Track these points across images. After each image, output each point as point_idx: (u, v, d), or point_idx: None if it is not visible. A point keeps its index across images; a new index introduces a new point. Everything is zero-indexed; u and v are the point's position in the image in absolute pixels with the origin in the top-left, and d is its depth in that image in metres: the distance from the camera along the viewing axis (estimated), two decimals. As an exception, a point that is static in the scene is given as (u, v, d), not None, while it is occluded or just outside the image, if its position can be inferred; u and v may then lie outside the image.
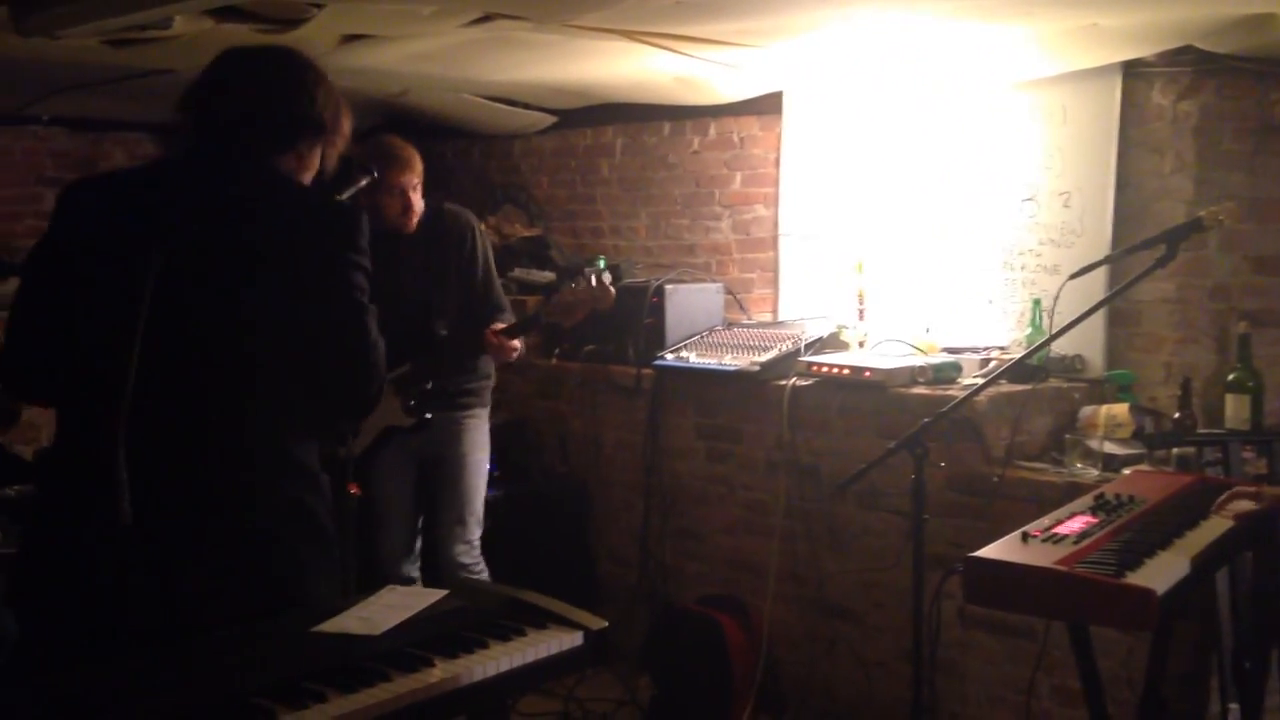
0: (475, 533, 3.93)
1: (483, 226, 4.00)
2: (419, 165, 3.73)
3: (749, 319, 4.64)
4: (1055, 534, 2.47)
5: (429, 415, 3.78)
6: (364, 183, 2.81)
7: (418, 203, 3.75)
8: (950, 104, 4.09)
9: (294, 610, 2.11)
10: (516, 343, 3.78)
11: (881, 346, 4.03)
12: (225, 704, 1.73)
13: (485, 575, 3.93)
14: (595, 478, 4.83)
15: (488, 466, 4.01)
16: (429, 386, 3.77)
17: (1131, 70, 3.69)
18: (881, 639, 3.87)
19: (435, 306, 3.79)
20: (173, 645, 1.92)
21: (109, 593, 1.97)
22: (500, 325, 3.74)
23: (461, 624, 2.11)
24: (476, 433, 3.94)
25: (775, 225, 4.60)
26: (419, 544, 4.05)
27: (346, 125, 2.24)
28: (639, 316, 4.46)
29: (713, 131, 4.78)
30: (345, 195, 2.71)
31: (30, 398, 2.25)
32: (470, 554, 3.91)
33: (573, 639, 2.13)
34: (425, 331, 3.79)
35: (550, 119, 5.18)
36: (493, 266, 3.94)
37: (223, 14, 3.02)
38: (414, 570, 4.04)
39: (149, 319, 1.93)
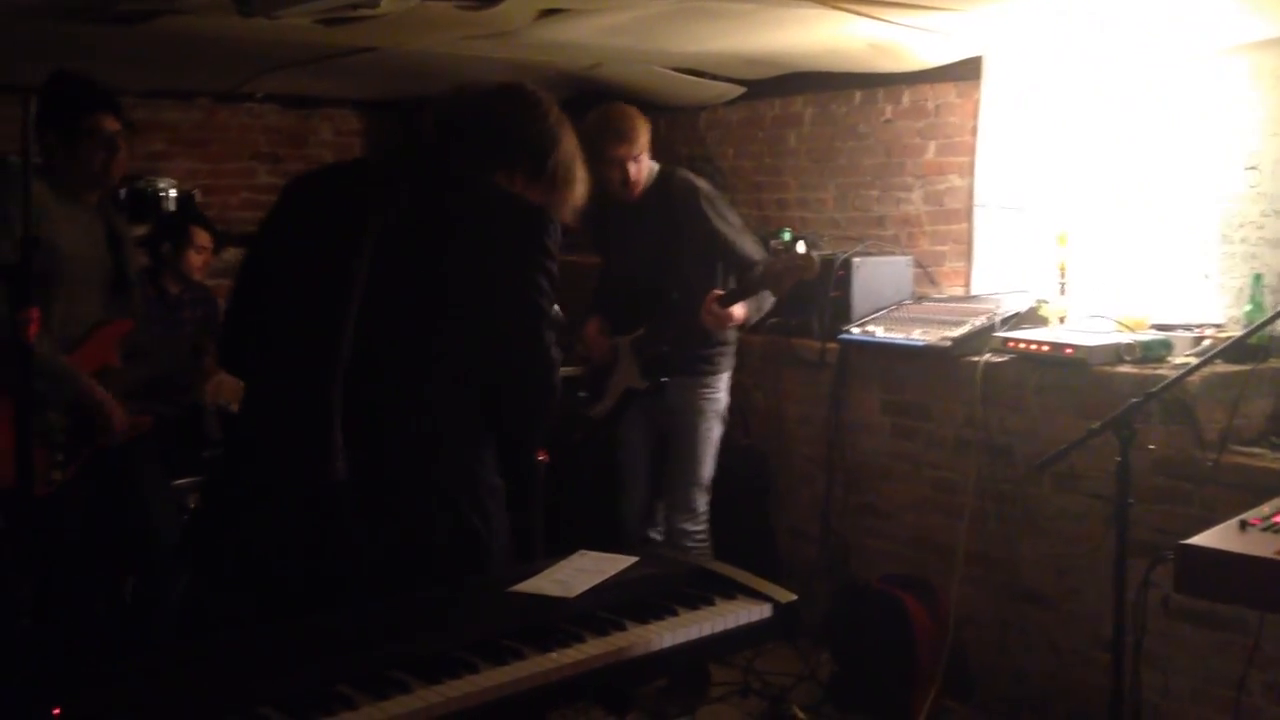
0: (700, 502, 3.98)
1: (709, 189, 3.99)
2: (640, 137, 3.78)
3: (940, 293, 4.51)
4: (1276, 524, 2.32)
5: (665, 379, 3.85)
6: None
7: (638, 174, 3.81)
8: (1162, 69, 3.86)
9: (493, 571, 2.19)
10: (736, 310, 3.77)
11: (1084, 323, 3.85)
12: (430, 657, 1.81)
13: (708, 544, 3.98)
14: (777, 451, 4.81)
15: (717, 433, 4.02)
16: (664, 350, 3.85)
17: (1373, 27, 3.40)
18: (1077, 626, 3.73)
19: (668, 272, 3.84)
20: (379, 601, 2.01)
21: (317, 544, 2.08)
22: (718, 292, 3.75)
23: (651, 591, 2.14)
24: (708, 400, 3.97)
25: (970, 196, 4.45)
26: (660, 509, 4.14)
27: (580, 190, 2.26)
28: (824, 290, 4.39)
29: (906, 99, 4.65)
30: None
31: (241, 370, 2.38)
32: (695, 522, 3.97)
33: (761, 610, 2.14)
34: (658, 296, 3.85)
35: (738, 89, 5.14)
36: (731, 230, 3.92)
37: (427, -9, 3.12)
38: (657, 534, 4.13)
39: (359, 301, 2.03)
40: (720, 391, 4.01)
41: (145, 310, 3.60)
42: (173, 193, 5.26)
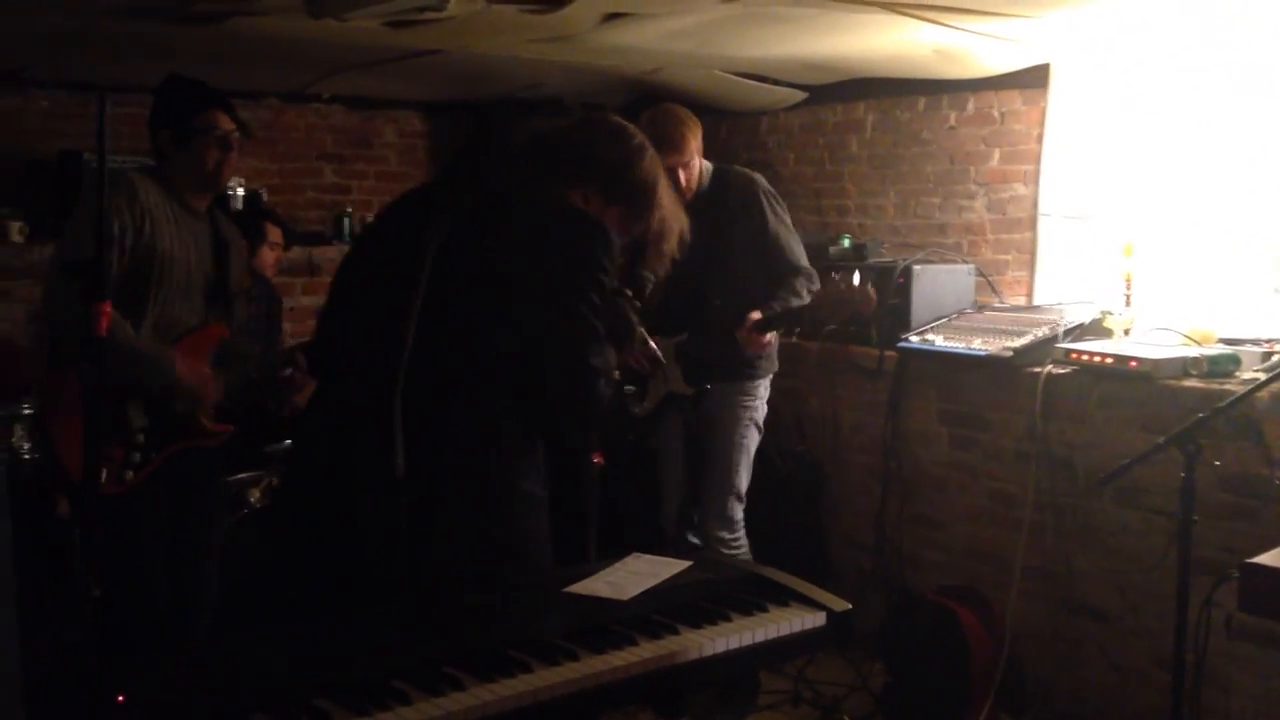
0: (734, 510, 3.94)
1: (769, 188, 3.92)
2: (690, 143, 3.72)
3: (1002, 302, 4.46)
4: (1348, 545, 2.27)
5: (709, 385, 3.83)
6: None
7: (689, 179, 3.75)
8: (1232, 77, 3.78)
9: (547, 571, 2.21)
10: (767, 337, 3.71)
11: (1150, 335, 3.79)
12: (484, 655, 1.82)
13: (745, 552, 3.95)
14: (832, 458, 4.78)
15: (753, 442, 3.96)
16: (706, 356, 3.82)
17: None
18: (1137, 644, 3.66)
19: (714, 275, 3.80)
20: (435, 598, 2.04)
21: (378, 538, 2.11)
22: (756, 316, 3.66)
23: (705, 595, 2.14)
24: (745, 408, 3.92)
25: (1034, 205, 4.39)
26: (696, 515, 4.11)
27: (673, 243, 2.33)
28: (883, 297, 4.34)
29: (971, 106, 4.60)
30: None
31: (320, 373, 2.44)
32: (731, 530, 3.93)
33: (815, 618, 2.13)
34: (703, 300, 3.82)
35: (800, 95, 5.13)
36: (784, 231, 3.85)
37: (493, -5, 3.15)
38: (694, 538, 4.11)
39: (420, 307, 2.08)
40: (758, 399, 3.95)
41: (244, 320, 3.53)
42: (240, 191, 5.34)
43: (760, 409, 3.98)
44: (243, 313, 3.50)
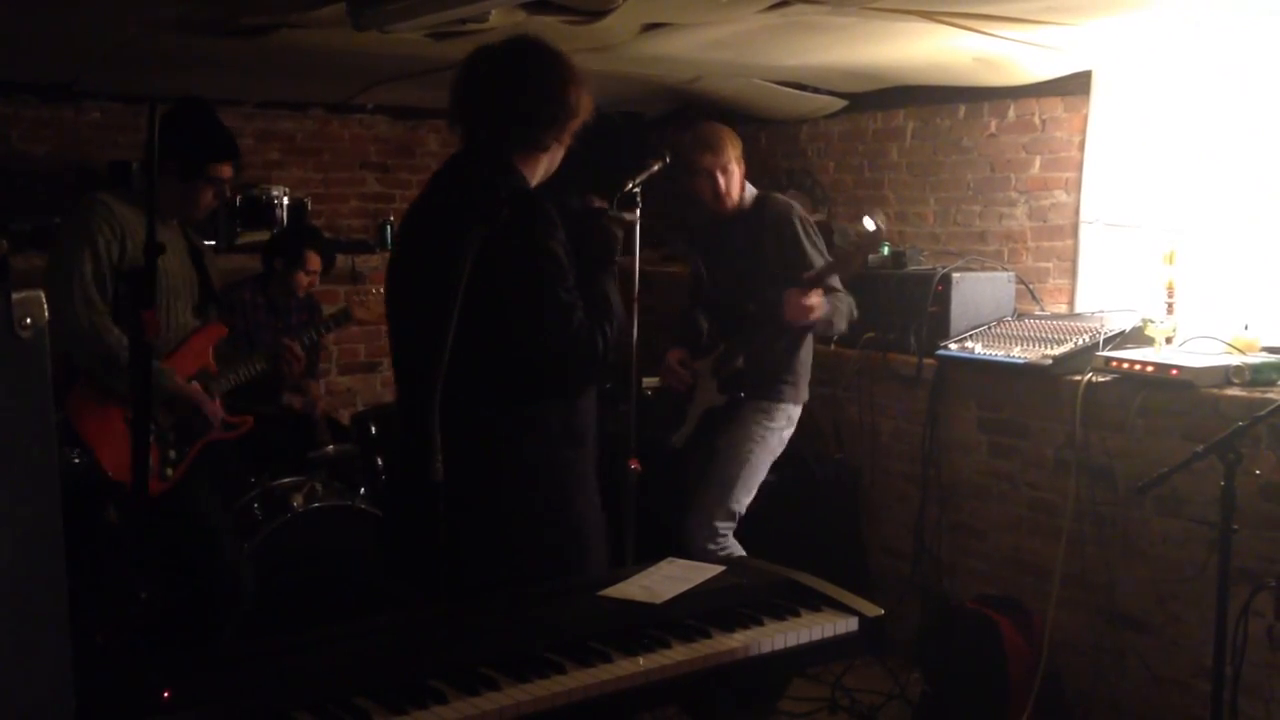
0: (724, 525, 3.87)
1: (805, 215, 3.96)
2: (726, 148, 3.80)
3: (1042, 310, 4.44)
4: (1391, 556, 2.24)
5: (743, 394, 3.85)
6: (656, 168, 2.93)
7: (728, 186, 3.83)
8: (1276, 83, 3.74)
9: (582, 575, 2.24)
10: (813, 299, 3.65)
11: (1192, 343, 3.75)
12: (520, 656, 1.85)
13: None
14: (870, 466, 4.78)
15: (761, 462, 3.91)
16: (739, 364, 3.85)
17: None
18: (1177, 654, 3.63)
19: (749, 290, 3.84)
20: (472, 600, 2.08)
21: (417, 541, 2.17)
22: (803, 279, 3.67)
23: (738, 600, 2.16)
24: (759, 425, 3.89)
25: (1076, 212, 4.37)
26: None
27: (587, 103, 2.43)
28: (922, 305, 4.36)
29: (1012, 113, 4.59)
30: (638, 180, 2.84)
31: None
32: (713, 539, 3.85)
33: (847, 624, 2.14)
34: (739, 314, 3.86)
35: (839, 103, 5.13)
36: (820, 251, 3.88)
37: (534, 7, 3.18)
38: (714, 545, 4.09)
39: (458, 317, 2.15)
40: (776, 422, 3.91)
41: (230, 318, 3.75)
42: (285, 200, 5.43)
43: (776, 436, 3.93)
44: (226, 315, 3.66)
